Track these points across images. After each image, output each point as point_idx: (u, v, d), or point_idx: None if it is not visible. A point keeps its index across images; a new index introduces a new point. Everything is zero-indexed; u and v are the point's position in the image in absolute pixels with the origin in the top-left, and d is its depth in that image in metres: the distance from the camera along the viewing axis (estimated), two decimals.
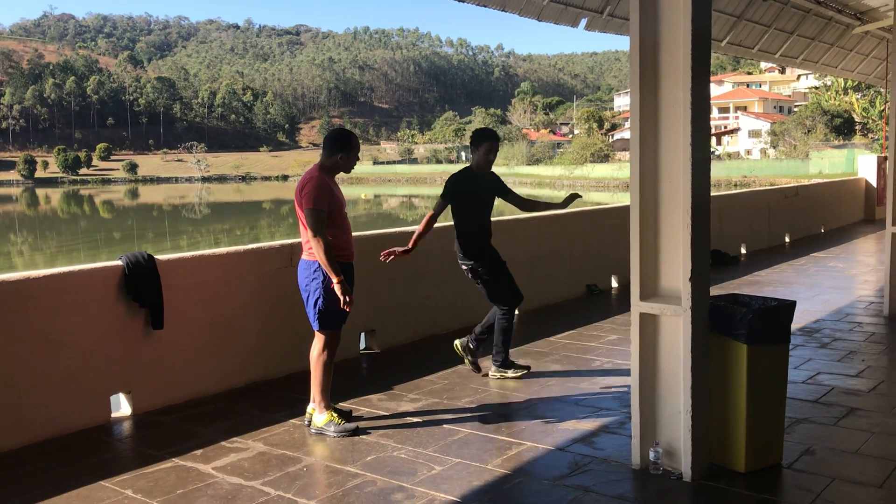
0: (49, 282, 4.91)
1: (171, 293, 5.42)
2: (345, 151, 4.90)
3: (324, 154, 4.93)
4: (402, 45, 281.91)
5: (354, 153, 4.97)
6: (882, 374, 6.00)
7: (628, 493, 3.95)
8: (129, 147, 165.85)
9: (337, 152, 4.89)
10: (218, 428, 4.97)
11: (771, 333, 4.11)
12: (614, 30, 9.13)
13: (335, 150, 4.89)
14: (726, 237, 12.28)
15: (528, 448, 4.55)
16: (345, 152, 4.90)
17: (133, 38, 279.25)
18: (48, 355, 4.88)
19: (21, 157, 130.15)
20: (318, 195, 4.70)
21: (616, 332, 7.44)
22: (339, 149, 4.90)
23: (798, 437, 4.57)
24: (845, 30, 12.16)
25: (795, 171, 51.75)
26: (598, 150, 74.33)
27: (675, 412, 4.07)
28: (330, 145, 4.91)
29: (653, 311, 4.11)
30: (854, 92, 65.67)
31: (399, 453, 4.50)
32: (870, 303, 8.68)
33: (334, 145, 4.90)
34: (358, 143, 5.02)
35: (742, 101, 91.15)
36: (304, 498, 3.93)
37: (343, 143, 4.93)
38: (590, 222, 9.99)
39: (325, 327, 4.85)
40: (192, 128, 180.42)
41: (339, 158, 4.90)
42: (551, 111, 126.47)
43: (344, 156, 4.90)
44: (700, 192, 3.99)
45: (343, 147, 4.91)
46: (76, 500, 3.96)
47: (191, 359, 5.62)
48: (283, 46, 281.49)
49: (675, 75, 3.99)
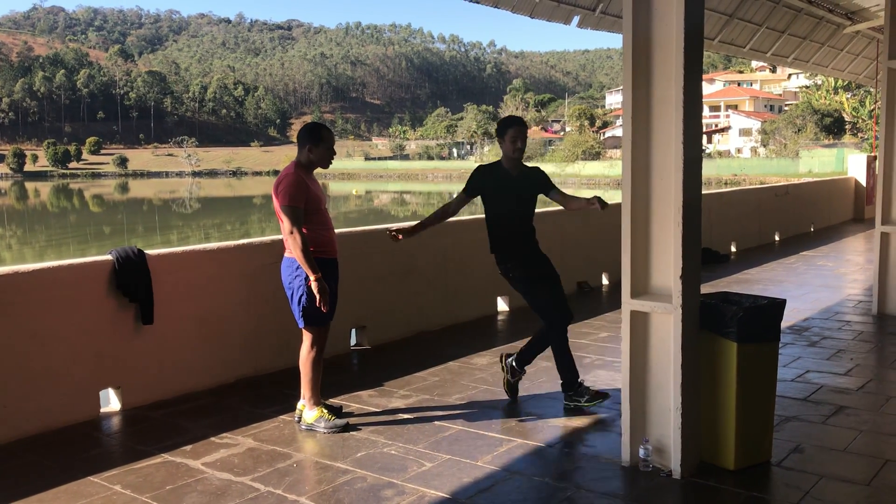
0: (38, 276, 4.89)
1: (162, 288, 5.39)
2: (312, 142, 4.77)
3: (299, 149, 4.84)
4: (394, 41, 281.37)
5: (325, 145, 4.80)
6: (870, 372, 6.03)
7: (618, 490, 3.97)
8: (119, 141, 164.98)
9: (305, 145, 4.79)
10: (208, 423, 4.96)
11: (761, 332, 4.13)
12: (607, 27, 9.13)
13: (304, 144, 4.80)
14: (717, 235, 12.32)
15: (518, 445, 4.56)
16: (312, 143, 4.77)
17: (124, 32, 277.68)
18: (37, 350, 4.85)
19: (10, 151, 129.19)
20: (293, 192, 4.65)
21: (607, 329, 7.46)
22: (308, 141, 4.78)
23: (787, 435, 4.59)
24: (836, 29, 12.21)
25: (785, 169, 51.97)
26: (589, 147, 74.47)
27: (665, 410, 4.08)
28: (302, 140, 4.82)
29: (643, 309, 4.12)
30: (844, 91, 65.97)
31: (389, 449, 4.50)
32: (858, 301, 8.73)
33: (303, 139, 4.81)
34: (330, 136, 4.85)
35: (733, 100, 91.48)
36: (293, 494, 3.92)
37: (311, 136, 4.79)
38: (581, 220, 9.99)
39: (311, 324, 4.83)
40: (183, 122, 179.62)
41: (308, 151, 4.78)
42: (543, 108, 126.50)
43: (313, 147, 4.77)
44: (691, 190, 4.00)
45: (311, 139, 4.78)
46: (65, 495, 3.95)
47: (181, 354, 5.60)
48: (274, 41, 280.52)
49: (667, 73, 3.99)
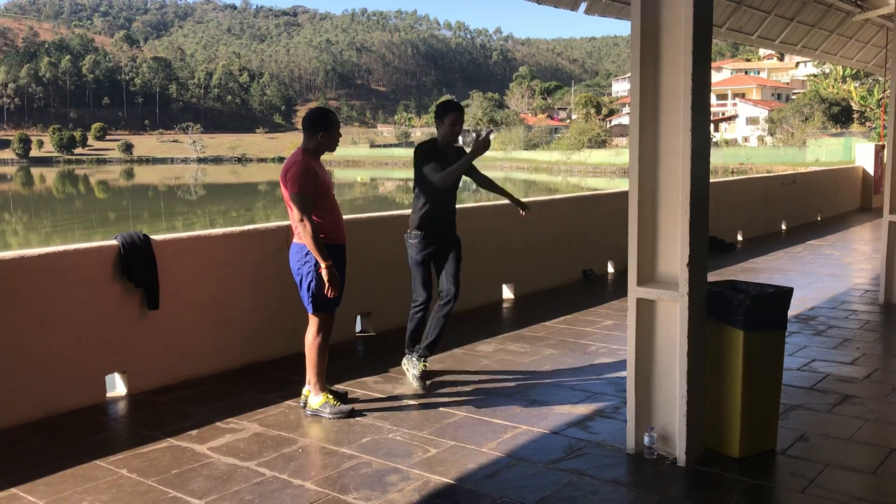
0: (44, 261, 4.89)
1: (167, 273, 5.40)
2: (325, 129, 4.81)
3: (305, 136, 4.85)
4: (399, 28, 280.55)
5: (335, 130, 4.87)
6: (876, 361, 6.02)
7: (622, 478, 3.97)
8: (124, 127, 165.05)
9: (317, 132, 4.80)
10: (213, 408, 4.97)
11: (767, 320, 4.11)
12: (614, 14, 9.06)
13: (315, 130, 4.81)
14: (723, 224, 12.28)
15: (523, 431, 4.56)
16: (325, 130, 4.81)
17: (129, 18, 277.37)
18: (43, 334, 4.86)
19: (16, 136, 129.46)
20: (302, 179, 4.65)
21: (612, 317, 7.45)
22: (320, 127, 4.81)
23: (792, 424, 4.59)
24: (845, 17, 12.10)
25: (793, 158, 51.71)
26: (595, 135, 74.17)
27: (671, 397, 4.08)
28: (309, 126, 4.82)
29: (650, 297, 4.11)
30: (852, 80, 65.54)
31: (394, 435, 4.51)
32: (865, 291, 8.70)
33: (314, 125, 4.81)
34: (337, 120, 4.92)
35: (740, 88, 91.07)
36: (299, 479, 3.93)
37: (322, 121, 4.83)
38: (587, 208, 9.98)
39: (319, 310, 4.84)
40: (189, 108, 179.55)
41: (321, 137, 4.81)
42: (549, 96, 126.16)
43: (325, 134, 4.81)
44: (699, 178, 3.98)
45: (322, 125, 4.82)
46: (71, 479, 3.96)
47: (186, 339, 5.61)
48: (280, 27, 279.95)
49: (675, 60, 3.96)
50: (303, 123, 4.89)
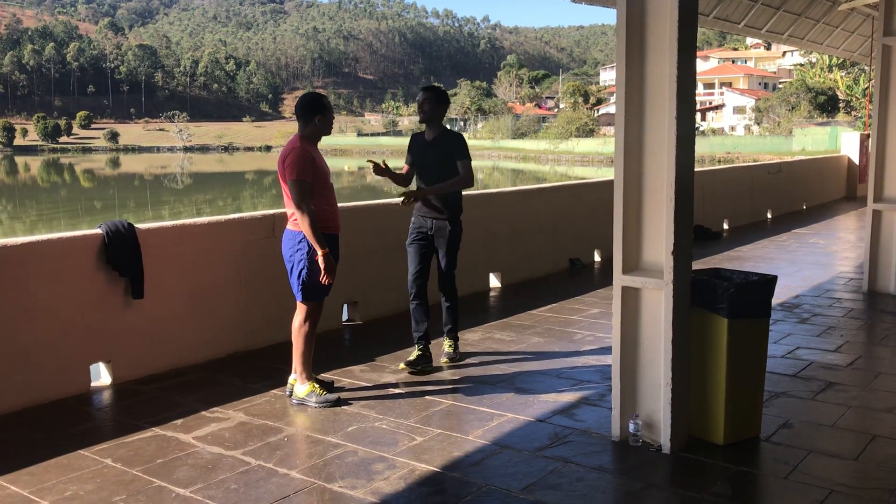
0: (28, 249, 4.85)
1: (152, 262, 5.37)
2: (321, 113, 4.82)
3: (300, 123, 4.84)
4: (387, 16, 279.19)
5: (330, 113, 4.89)
6: (860, 349, 6.07)
7: (608, 465, 3.99)
8: (109, 115, 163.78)
9: (313, 116, 4.81)
10: (198, 398, 4.96)
11: (751, 308, 4.14)
12: (601, 2, 9.03)
13: (311, 115, 4.81)
14: (709, 213, 12.33)
15: (508, 419, 4.58)
16: (321, 114, 4.82)
17: (114, 5, 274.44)
18: (27, 323, 4.83)
19: (0, 125, 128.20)
20: (301, 165, 4.65)
21: (598, 305, 7.47)
22: (315, 111, 4.81)
23: (776, 411, 4.62)
24: (832, 6, 12.12)
25: (779, 147, 51.90)
26: (583, 124, 74.22)
27: (656, 385, 4.10)
28: (305, 112, 4.82)
29: (635, 285, 4.12)
30: (838, 69, 65.81)
31: (381, 424, 4.51)
32: (849, 279, 8.76)
33: (310, 110, 4.82)
34: (330, 104, 4.96)
35: (727, 77, 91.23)
36: (284, 468, 3.93)
37: (316, 106, 4.84)
38: (574, 196, 9.99)
39: (309, 298, 4.83)
40: (174, 97, 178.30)
41: (318, 121, 4.81)
42: (537, 85, 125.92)
43: (321, 117, 4.82)
44: (684, 166, 3.99)
45: (318, 109, 4.83)
46: (55, 468, 3.95)
47: (171, 328, 5.59)
48: (266, 15, 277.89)
49: (661, 49, 3.96)
50: (296, 111, 4.88)
